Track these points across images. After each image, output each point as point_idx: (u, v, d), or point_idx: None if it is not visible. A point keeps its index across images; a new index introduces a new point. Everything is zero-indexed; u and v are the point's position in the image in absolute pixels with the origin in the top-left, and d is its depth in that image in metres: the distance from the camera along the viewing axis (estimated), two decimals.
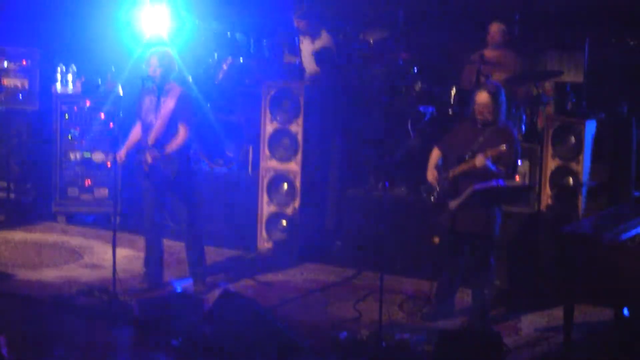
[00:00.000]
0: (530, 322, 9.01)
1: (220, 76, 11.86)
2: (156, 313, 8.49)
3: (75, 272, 9.94)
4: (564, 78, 10.85)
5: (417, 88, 10.97)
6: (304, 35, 11.46)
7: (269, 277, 10.05)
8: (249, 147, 11.29)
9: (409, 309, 9.19)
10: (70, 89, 11.47)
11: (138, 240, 10.01)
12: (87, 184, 11.48)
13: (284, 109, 10.73)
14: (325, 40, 11.36)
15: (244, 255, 10.69)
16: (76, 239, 10.99)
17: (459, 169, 8.69)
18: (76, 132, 11.44)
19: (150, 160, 9.15)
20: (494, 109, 8.68)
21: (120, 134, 9.42)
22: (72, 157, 11.46)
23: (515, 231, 9.81)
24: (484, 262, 8.78)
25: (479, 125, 8.75)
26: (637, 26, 11.04)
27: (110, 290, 8.88)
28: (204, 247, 9.62)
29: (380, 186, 10.36)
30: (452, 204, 8.70)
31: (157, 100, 9.20)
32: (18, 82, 11.67)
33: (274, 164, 10.81)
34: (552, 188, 9.84)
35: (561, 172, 9.82)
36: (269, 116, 10.78)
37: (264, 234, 10.85)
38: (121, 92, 11.27)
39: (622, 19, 11.05)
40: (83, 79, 11.50)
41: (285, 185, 10.79)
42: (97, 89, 11.49)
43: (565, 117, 9.97)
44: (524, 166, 10.04)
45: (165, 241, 9.71)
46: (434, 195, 8.83)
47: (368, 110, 11.22)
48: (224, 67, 11.86)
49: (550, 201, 9.82)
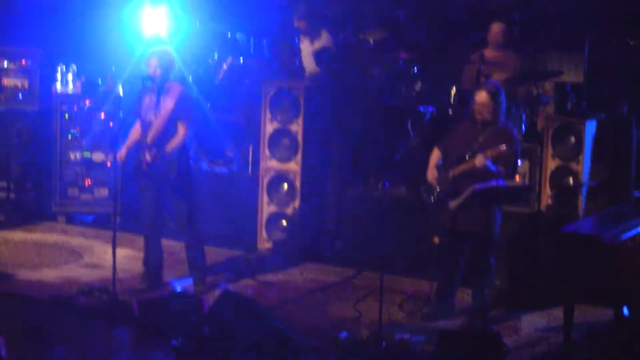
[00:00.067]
0: (530, 322, 9.01)
1: (220, 76, 11.86)
2: (156, 313, 8.49)
3: (75, 272, 9.94)
4: (564, 78, 10.84)
5: (417, 88, 10.97)
6: (304, 35, 11.47)
7: (269, 277, 10.05)
8: (249, 147, 11.30)
9: (409, 309, 9.19)
10: (70, 89, 11.47)
11: (138, 240, 10.00)
12: (87, 184, 11.48)
13: (284, 109, 10.73)
14: (325, 40, 11.36)
15: (244, 255, 10.69)
16: (76, 239, 10.99)
17: (459, 169, 8.69)
18: (76, 132, 11.44)
19: (150, 159, 9.15)
20: (494, 109, 8.68)
21: (120, 134, 9.41)
22: (72, 157, 11.46)
23: (515, 231, 9.81)
24: (484, 262, 8.78)
25: (479, 125, 8.75)
26: (637, 26, 11.03)
27: (110, 290, 8.87)
28: (204, 247, 9.62)
29: (380, 186, 10.35)
30: (452, 204, 8.70)
31: (157, 99, 9.20)
32: (18, 82, 11.66)
33: (274, 163, 10.81)
34: (552, 188, 9.84)
35: (561, 172, 9.82)
36: (269, 116, 10.77)
37: (264, 234, 10.85)
38: (121, 92, 11.27)
39: (622, 19, 11.04)
40: (83, 79, 11.50)
41: (285, 185, 10.79)
42: (97, 89, 11.49)
43: (565, 117, 9.97)
44: (524, 166, 10.03)
45: (165, 241, 9.71)
46: (434, 195, 8.83)
47: (368, 110, 11.22)
48: (224, 67, 11.86)
49: (550, 201, 9.82)
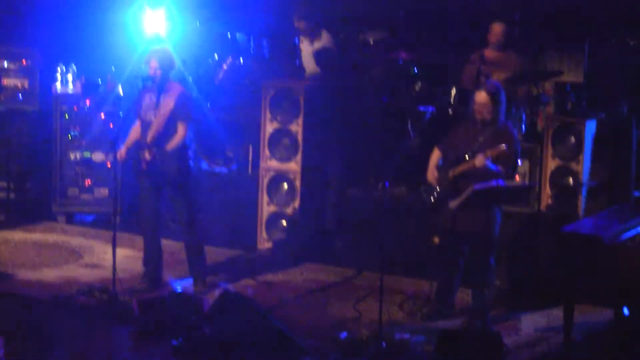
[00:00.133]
0: (530, 322, 9.00)
1: (220, 76, 11.86)
2: (156, 313, 8.49)
3: (75, 272, 9.94)
4: (564, 78, 10.84)
5: (417, 88, 10.97)
6: (304, 35, 11.46)
7: (269, 277, 10.05)
8: (249, 147, 11.29)
9: (409, 309, 9.19)
10: (70, 89, 11.47)
11: (138, 240, 10.00)
12: (87, 184, 11.48)
13: (284, 109, 10.74)
14: (325, 40, 11.36)
15: (244, 255, 10.69)
16: (76, 239, 10.99)
17: (459, 169, 8.69)
18: (76, 132, 11.44)
19: (149, 158, 9.15)
20: (493, 109, 8.68)
21: (120, 134, 9.40)
22: (72, 157, 11.46)
23: (515, 231, 9.81)
24: (483, 262, 8.78)
25: (479, 125, 8.75)
26: (637, 26, 11.03)
27: (110, 290, 8.86)
28: (204, 247, 9.61)
29: (380, 186, 10.36)
30: (452, 204, 8.70)
31: (157, 99, 9.20)
32: (18, 82, 11.66)
33: (274, 164, 10.81)
34: (552, 188, 9.84)
35: (561, 172, 9.83)
36: (269, 116, 10.78)
37: (264, 234, 10.85)
38: (121, 92, 11.27)
39: (622, 19, 11.03)
40: (83, 79, 11.50)
41: (285, 185, 10.79)
42: (97, 89, 11.49)
43: (565, 117, 9.98)
44: (524, 166, 10.04)
45: (165, 241, 9.71)
46: (434, 195, 8.83)
47: (368, 110, 11.22)
48: (224, 67, 11.86)
49: (550, 201, 9.82)
